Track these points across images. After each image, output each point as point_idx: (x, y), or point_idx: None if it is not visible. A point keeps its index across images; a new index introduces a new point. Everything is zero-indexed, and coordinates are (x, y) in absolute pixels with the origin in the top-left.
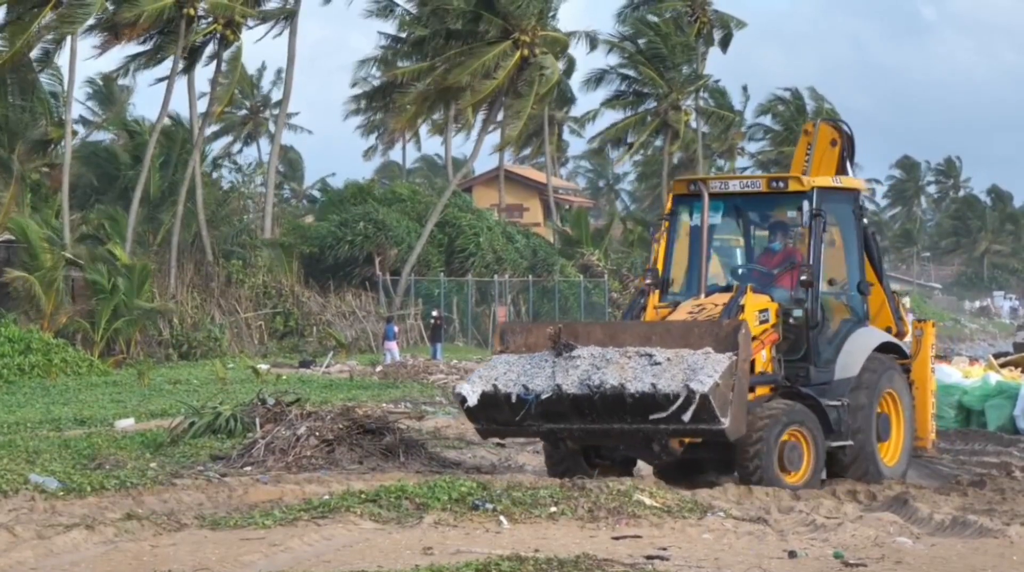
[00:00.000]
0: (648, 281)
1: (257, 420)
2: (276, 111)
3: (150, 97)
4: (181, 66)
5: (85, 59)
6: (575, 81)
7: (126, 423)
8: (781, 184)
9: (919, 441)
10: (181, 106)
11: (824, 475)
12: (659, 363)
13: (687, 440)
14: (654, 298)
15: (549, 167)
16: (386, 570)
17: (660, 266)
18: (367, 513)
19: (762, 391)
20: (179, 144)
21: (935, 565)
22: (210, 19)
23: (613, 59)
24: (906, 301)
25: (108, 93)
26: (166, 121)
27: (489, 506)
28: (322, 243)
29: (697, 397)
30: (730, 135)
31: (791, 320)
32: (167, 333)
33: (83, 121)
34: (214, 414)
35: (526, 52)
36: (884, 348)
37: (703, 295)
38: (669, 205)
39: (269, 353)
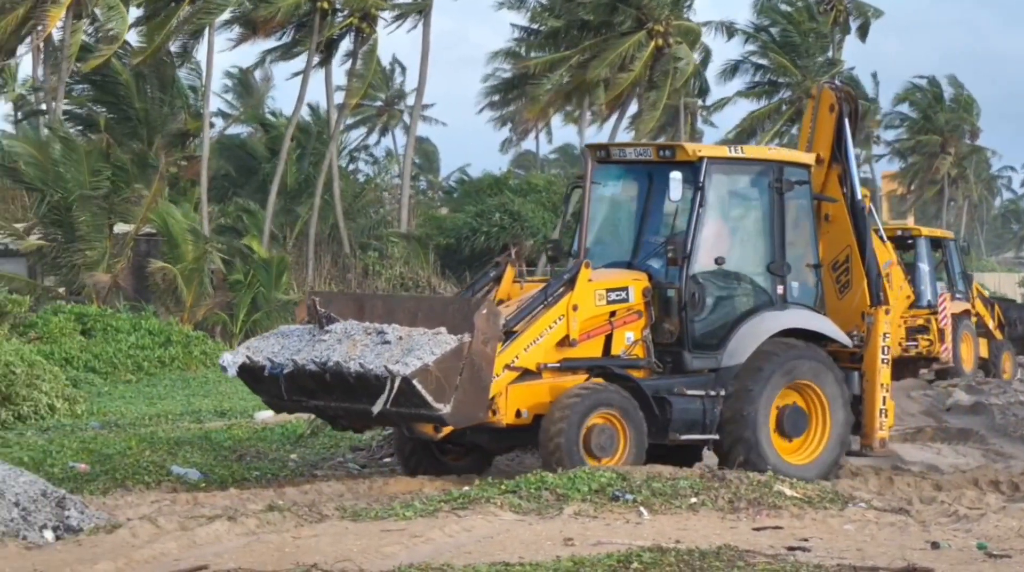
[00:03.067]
0: (549, 252)
1: None
2: (410, 103)
3: (287, 90)
4: (317, 60)
5: (221, 51)
6: (711, 72)
7: (266, 415)
8: (668, 153)
9: (864, 439)
10: (317, 99)
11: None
12: (388, 342)
13: (436, 426)
14: (512, 272)
15: None
16: (527, 561)
17: (576, 237)
18: (507, 504)
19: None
20: (315, 137)
21: None
22: (345, 13)
23: (748, 49)
24: None
25: (245, 86)
26: (302, 114)
27: (629, 497)
28: (458, 234)
29: (398, 380)
30: (865, 123)
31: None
32: None
33: (221, 114)
34: None
35: (660, 42)
36: (812, 337)
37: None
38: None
39: None
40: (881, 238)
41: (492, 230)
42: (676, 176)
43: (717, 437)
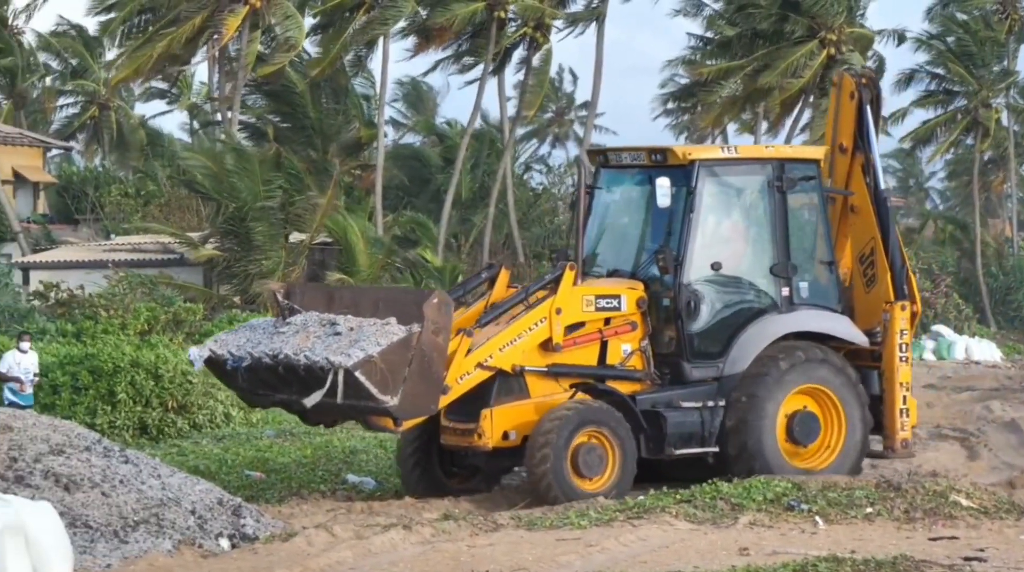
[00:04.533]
0: (554, 258)
1: None
2: (580, 113)
3: (461, 99)
4: (491, 69)
5: (397, 61)
6: (886, 81)
7: None
8: (659, 157)
9: (886, 440)
10: (491, 108)
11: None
12: (339, 333)
13: (407, 419)
14: (505, 276)
15: None
16: (702, 571)
17: (579, 242)
18: (682, 514)
19: (626, 388)
20: (489, 146)
21: None
22: (519, 22)
23: (922, 57)
24: None
25: (418, 96)
26: (476, 123)
27: (804, 507)
28: None
29: (340, 371)
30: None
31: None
32: None
33: (394, 123)
34: None
35: (832, 51)
36: (817, 337)
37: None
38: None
39: None
40: None
41: None
42: (663, 182)
43: (716, 449)
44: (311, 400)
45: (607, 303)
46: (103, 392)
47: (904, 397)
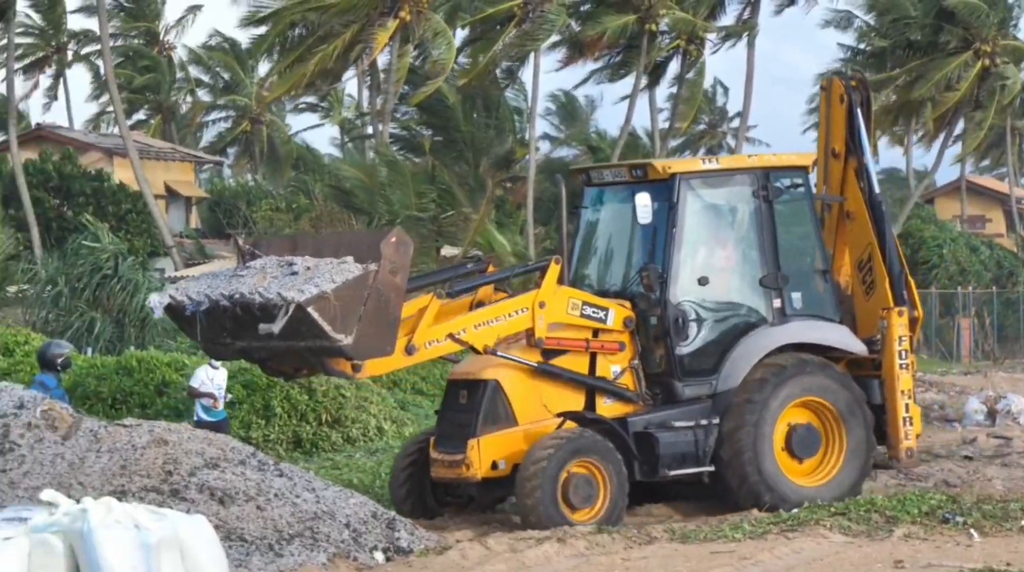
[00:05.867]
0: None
1: None
2: (732, 125)
3: (612, 113)
4: (644, 82)
5: (546, 71)
6: None
7: None
8: (639, 172)
9: (890, 450)
10: (643, 120)
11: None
12: (295, 273)
13: (354, 365)
14: (491, 272)
15: (1011, 177)
16: None
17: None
18: (836, 526)
19: (618, 409)
20: (641, 159)
21: None
22: (672, 35)
23: None
24: None
25: (571, 109)
26: (628, 135)
27: (959, 519)
28: None
29: (292, 307)
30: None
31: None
32: None
33: (546, 137)
34: None
35: (987, 63)
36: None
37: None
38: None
39: None
40: None
41: None
42: (642, 199)
43: (712, 468)
44: (267, 328)
45: (593, 313)
46: (257, 406)
47: (907, 405)
